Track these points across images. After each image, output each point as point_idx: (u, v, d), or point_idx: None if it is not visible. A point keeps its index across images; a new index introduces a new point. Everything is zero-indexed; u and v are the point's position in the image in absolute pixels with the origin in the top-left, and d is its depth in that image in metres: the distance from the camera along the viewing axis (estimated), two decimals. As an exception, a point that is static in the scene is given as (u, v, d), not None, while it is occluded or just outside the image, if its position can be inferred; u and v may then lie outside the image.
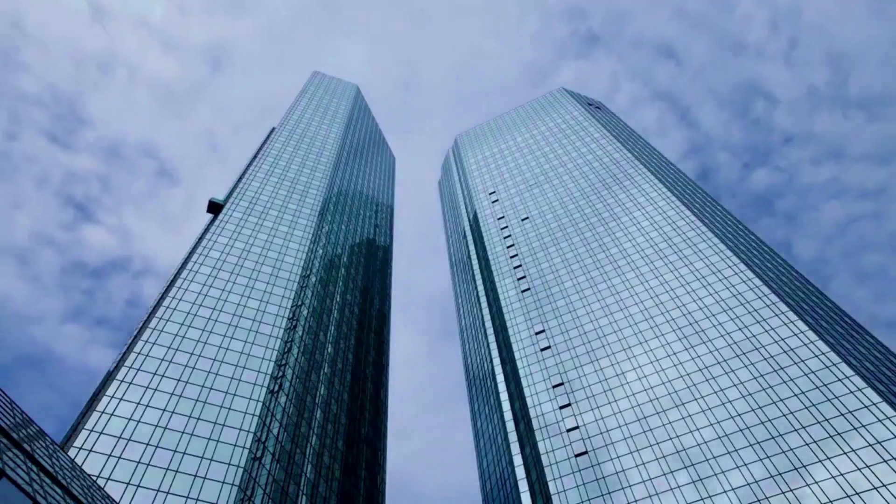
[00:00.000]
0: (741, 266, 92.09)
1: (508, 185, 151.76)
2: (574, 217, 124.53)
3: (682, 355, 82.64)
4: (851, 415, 65.39)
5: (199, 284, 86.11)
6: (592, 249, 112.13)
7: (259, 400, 71.25)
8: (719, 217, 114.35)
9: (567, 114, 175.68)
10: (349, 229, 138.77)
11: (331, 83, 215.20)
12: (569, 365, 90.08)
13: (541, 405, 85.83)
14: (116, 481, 55.81)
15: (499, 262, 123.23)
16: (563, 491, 72.74)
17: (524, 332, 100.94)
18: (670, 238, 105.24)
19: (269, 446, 68.47)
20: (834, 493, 59.40)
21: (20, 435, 29.44)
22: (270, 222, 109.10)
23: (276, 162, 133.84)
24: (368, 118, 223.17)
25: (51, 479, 28.56)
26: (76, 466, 37.51)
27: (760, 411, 70.52)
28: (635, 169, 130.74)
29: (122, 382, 66.45)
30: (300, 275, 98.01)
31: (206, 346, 76.13)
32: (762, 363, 75.94)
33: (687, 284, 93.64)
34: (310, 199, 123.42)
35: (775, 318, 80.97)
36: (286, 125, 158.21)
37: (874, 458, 60.66)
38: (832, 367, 71.19)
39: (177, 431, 63.48)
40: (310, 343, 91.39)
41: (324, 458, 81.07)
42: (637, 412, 78.10)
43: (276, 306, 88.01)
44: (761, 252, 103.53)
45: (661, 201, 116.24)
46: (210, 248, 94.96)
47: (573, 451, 77.13)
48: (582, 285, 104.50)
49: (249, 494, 61.08)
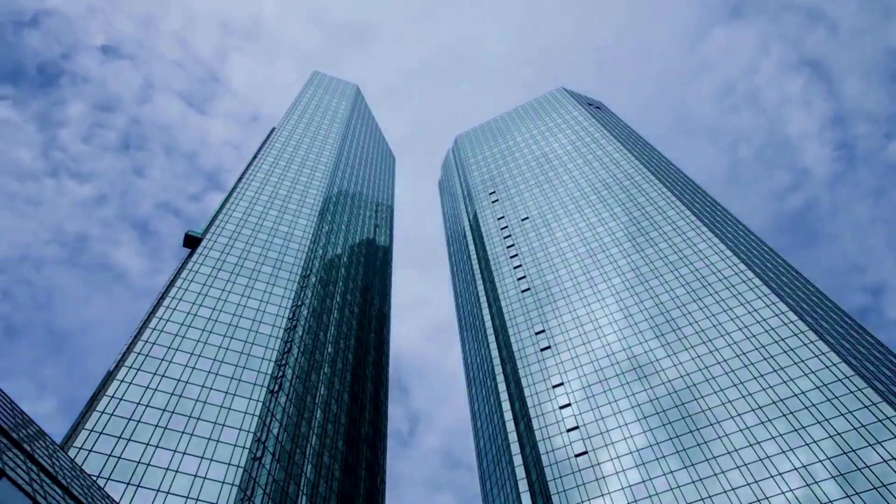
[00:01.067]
0: (741, 266, 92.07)
1: (508, 185, 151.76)
2: (574, 217, 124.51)
3: (682, 355, 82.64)
4: (851, 415, 65.40)
5: (199, 284, 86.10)
6: (592, 249, 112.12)
7: (259, 400, 71.24)
8: (719, 217, 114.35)
9: (567, 114, 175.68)
10: (349, 229, 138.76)
11: (331, 83, 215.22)
12: (569, 365, 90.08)
13: (541, 405, 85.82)
14: (116, 481, 55.81)
15: (499, 262, 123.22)
16: (563, 491, 72.74)
17: (524, 332, 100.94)
18: (670, 238, 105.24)
19: (269, 446, 68.47)
20: (834, 494, 59.41)
21: (20, 435, 29.44)
22: (270, 222, 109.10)
23: (276, 162, 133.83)
24: (368, 118, 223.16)
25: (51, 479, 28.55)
26: (76, 466, 37.50)
27: (760, 411, 70.51)
28: (635, 169, 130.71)
29: (122, 382, 66.45)
30: (300, 275, 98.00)
31: (206, 346, 76.13)
32: (762, 363, 75.94)
33: (687, 284, 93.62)
34: (310, 199, 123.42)
35: (775, 318, 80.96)
36: (286, 125, 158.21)
37: (874, 457, 60.67)
38: (832, 367, 71.19)
39: (177, 431, 63.48)
40: (310, 343, 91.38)
41: (324, 458, 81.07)
42: (637, 412, 78.10)
43: (276, 306, 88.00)
44: (761, 252, 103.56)
45: (661, 201, 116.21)
46: (210, 248, 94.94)
47: (573, 451, 77.13)
48: (582, 285, 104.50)
49: (249, 494, 61.08)
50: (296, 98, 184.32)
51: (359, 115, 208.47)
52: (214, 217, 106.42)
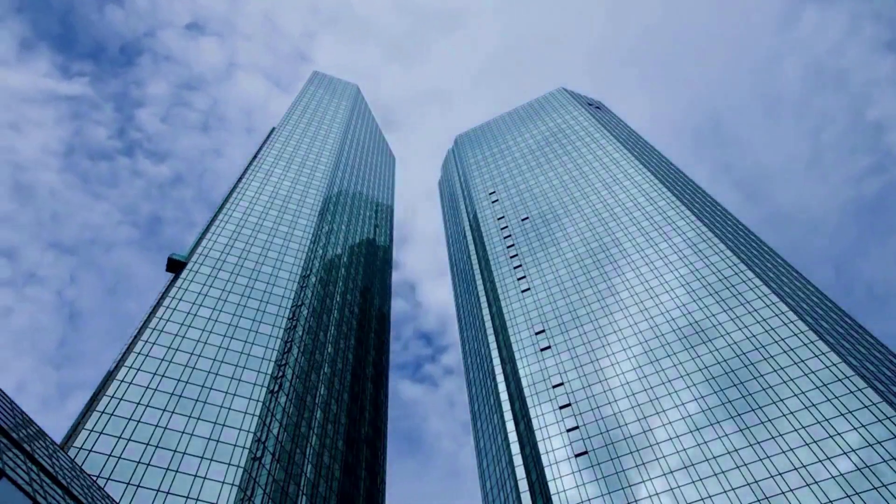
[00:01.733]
0: (741, 266, 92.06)
1: (508, 185, 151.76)
2: (574, 217, 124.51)
3: (682, 355, 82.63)
4: (851, 414, 65.39)
5: (199, 284, 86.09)
6: (592, 249, 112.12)
7: (259, 400, 71.25)
8: (720, 216, 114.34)
9: (567, 114, 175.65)
10: (349, 229, 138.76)
11: (331, 83, 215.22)
12: (569, 365, 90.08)
13: (541, 405, 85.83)
14: (116, 481, 55.81)
15: (499, 262, 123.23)
16: (563, 491, 72.74)
17: (524, 332, 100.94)
18: (670, 238, 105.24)
19: (269, 446, 68.46)
20: (834, 493, 59.41)
21: (20, 435, 29.44)
22: (270, 222, 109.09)
23: (276, 162, 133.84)
24: (368, 118, 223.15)
25: (51, 479, 28.55)
26: (76, 466, 37.49)
27: (761, 411, 70.51)
28: (635, 169, 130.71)
29: (122, 382, 66.45)
30: (300, 275, 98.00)
31: (206, 346, 76.13)
32: (762, 363, 75.93)
33: (687, 284, 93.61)
34: (310, 199, 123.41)
35: (775, 318, 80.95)
36: (286, 125, 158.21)
37: (874, 457, 60.66)
38: (832, 367, 71.18)
39: (177, 431, 63.47)
40: (310, 343, 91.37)
41: (324, 458, 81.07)
42: (637, 412, 78.09)
43: (276, 306, 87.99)
44: (761, 252, 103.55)
45: (661, 201, 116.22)
46: (210, 248, 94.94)
47: (573, 451, 77.13)
48: (582, 285, 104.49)
49: (249, 494, 61.08)
50: (296, 98, 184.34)
51: (359, 115, 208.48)
52: (214, 217, 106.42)
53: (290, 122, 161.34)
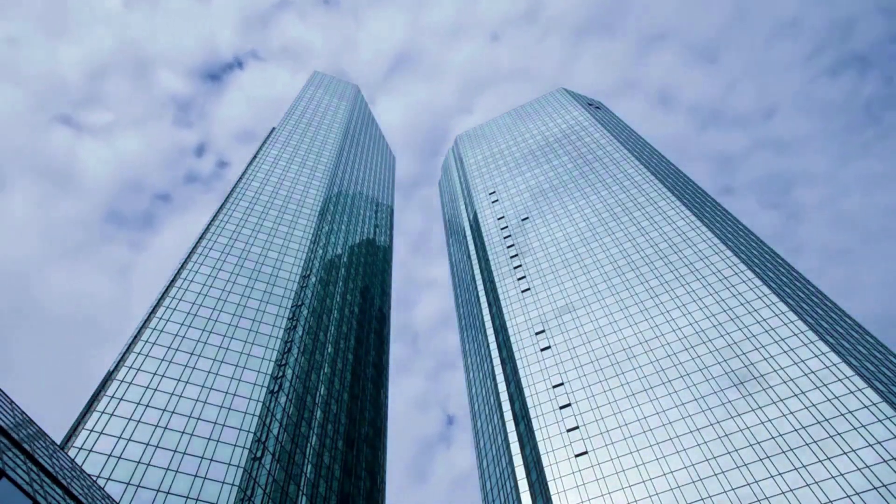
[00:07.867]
0: (741, 266, 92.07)
1: (508, 185, 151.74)
2: (574, 217, 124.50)
3: (682, 356, 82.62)
4: (851, 415, 65.38)
5: (199, 284, 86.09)
6: (592, 249, 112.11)
7: (259, 400, 71.24)
8: (719, 217, 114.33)
9: (567, 114, 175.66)
10: (349, 229, 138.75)
11: (331, 83, 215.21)
12: (569, 365, 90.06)
13: (541, 405, 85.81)
14: (116, 481, 55.80)
15: (499, 262, 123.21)
16: (563, 491, 72.73)
17: (524, 332, 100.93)
18: (670, 238, 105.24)
19: (269, 446, 68.46)
20: (834, 494, 59.40)
21: (20, 435, 29.43)
22: (270, 222, 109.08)
23: (275, 162, 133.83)
24: (368, 118, 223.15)
25: (51, 479, 28.55)
26: (76, 466, 37.48)
27: (760, 411, 70.51)
28: (635, 169, 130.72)
29: (122, 382, 66.44)
30: (300, 275, 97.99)
31: (206, 346, 76.12)
32: (762, 363, 75.93)
33: (687, 284, 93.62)
34: (310, 199, 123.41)
35: (775, 318, 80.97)
36: (286, 125, 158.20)
37: (874, 457, 60.66)
38: (832, 367, 71.18)
39: (177, 431, 63.47)
40: (310, 343, 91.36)
41: (324, 458, 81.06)
42: (637, 412, 78.09)
43: (276, 306, 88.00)
44: (761, 252, 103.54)
45: (661, 201, 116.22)
46: (210, 248, 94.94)
47: (573, 451, 77.12)
48: (582, 285, 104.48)
49: (249, 494, 61.07)
50: (296, 98, 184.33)
51: (359, 114, 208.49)
52: (214, 217, 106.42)
53: (289, 122, 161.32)
